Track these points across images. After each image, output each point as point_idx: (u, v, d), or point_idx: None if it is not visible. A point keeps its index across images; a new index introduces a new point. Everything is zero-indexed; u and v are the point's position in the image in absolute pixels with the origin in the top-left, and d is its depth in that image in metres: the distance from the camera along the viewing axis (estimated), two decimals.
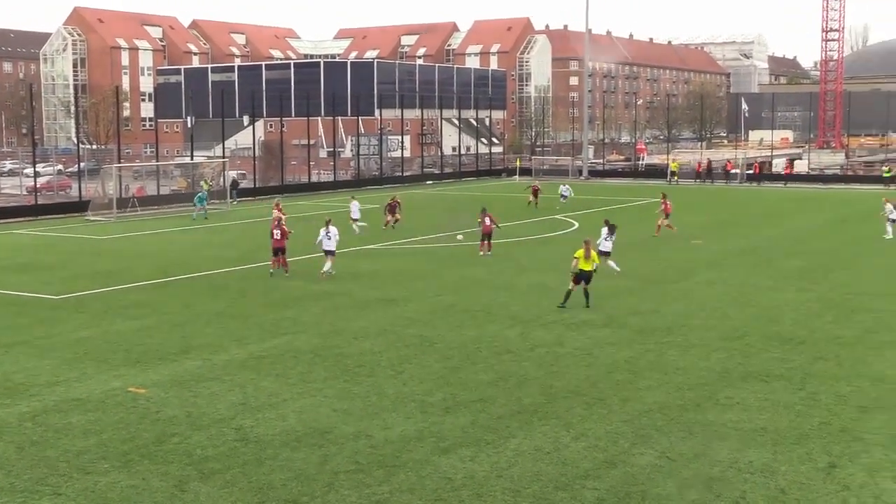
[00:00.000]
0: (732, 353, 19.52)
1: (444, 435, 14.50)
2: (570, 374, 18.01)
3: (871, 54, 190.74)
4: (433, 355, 19.51)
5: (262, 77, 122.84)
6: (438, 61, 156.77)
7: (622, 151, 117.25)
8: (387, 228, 42.15)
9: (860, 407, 15.84)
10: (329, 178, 74.61)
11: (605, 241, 29.54)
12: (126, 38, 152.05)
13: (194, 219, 48.57)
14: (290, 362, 19.00)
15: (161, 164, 67.44)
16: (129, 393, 16.89)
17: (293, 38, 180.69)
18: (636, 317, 23.30)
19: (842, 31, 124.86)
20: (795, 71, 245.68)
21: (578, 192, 61.31)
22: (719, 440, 14.22)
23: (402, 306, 24.85)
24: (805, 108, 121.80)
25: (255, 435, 14.57)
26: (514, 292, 26.79)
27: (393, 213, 42.85)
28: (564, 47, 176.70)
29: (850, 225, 44.84)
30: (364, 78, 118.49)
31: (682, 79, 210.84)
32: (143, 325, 22.72)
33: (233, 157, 78.60)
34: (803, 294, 26.33)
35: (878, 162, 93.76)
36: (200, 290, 27.82)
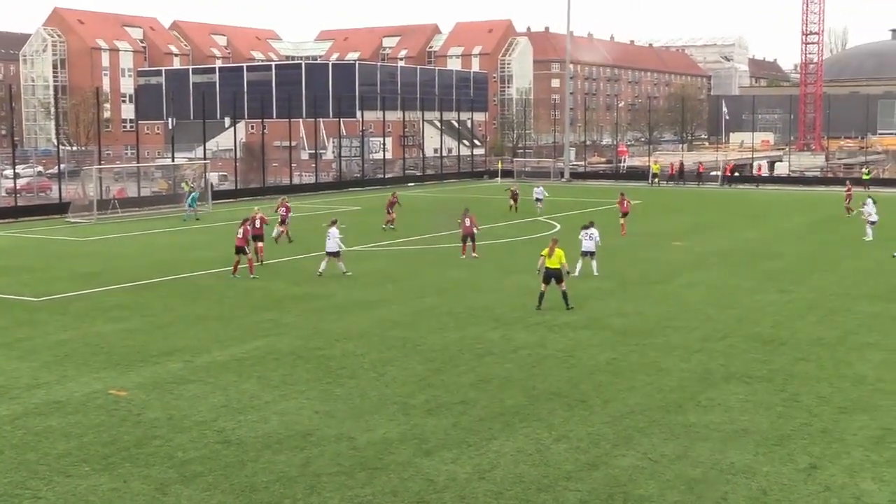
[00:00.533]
0: (714, 355, 19.59)
1: (426, 437, 14.49)
2: (552, 375, 18.03)
3: (850, 57, 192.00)
4: (415, 357, 19.50)
5: (243, 78, 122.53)
6: (420, 63, 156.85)
7: (604, 154, 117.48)
8: (386, 228, 42.15)
9: (841, 408, 15.92)
10: (311, 180, 74.46)
11: (586, 241, 29.50)
12: (106, 40, 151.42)
13: (185, 220, 48.40)
14: (272, 364, 18.95)
15: (142, 166, 67.18)
16: (110, 395, 16.80)
17: (274, 40, 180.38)
18: (618, 318, 23.36)
19: (821, 34, 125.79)
20: (776, 73, 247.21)
21: (560, 194, 61.46)
22: (701, 441, 14.26)
23: (385, 308, 24.83)
24: (785, 111, 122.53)
25: (237, 437, 14.52)
26: (497, 294, 26.80)
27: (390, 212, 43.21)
28: (546, 49, 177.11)
29: (830, 227, 45.07)
30: (345, 80, 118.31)
31: (663, 81, 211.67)
32: (124, 328, 22.61)
33: (214, 159, 78.35)
34: (784, 295, 26.45)
35: (858, 164, 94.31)
36: (182, 292, 27.70)
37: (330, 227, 29.95)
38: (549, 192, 54.07)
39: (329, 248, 29.60)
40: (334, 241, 29.60)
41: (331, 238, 29.58)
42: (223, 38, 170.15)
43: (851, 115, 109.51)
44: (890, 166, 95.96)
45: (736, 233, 42.32)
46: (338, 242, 29.75)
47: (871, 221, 39.03)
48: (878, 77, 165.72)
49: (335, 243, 29.63)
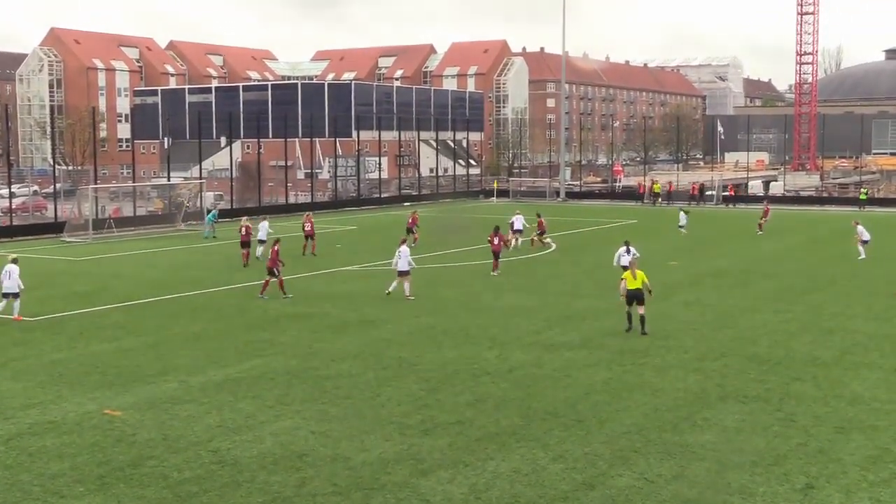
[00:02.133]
0: (710, 375, 19.58)
1: (422, 457, 14.45)
2: (548, 395, 17.99)
3: (844, 77, 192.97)
4: (411, 377, 19.46)
5: (239, 98, 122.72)
6: (416, 83, 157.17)
7: (599, 173, 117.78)
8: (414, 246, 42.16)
9: (837, 428, 15.90)
10: (306, 199, 74.52)
11: (623, 256, 30.80)
12: (103, 59, 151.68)
13: (206, 237, 49.54)
14: (268, 384, 18.91)
15: (137, 186, 67.19)
16: (105, 415, 16.75)
17: (270, 60, 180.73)
18: (614, 338, 23.34)
19: (815, 54, 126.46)
20: (770, 93, 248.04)
21: (555, 213, 61.42)
22: (697, 461, 14.23)
23: (380, 328, 24.80)
24: (780, 131, 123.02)
25: (232, 457, 14.47)
26: (493, 314, 26.79)
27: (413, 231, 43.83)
28: (541, 69, 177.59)
29: (825, 246, 45.14)
30: (341, 99, 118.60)
31: (658, 101, 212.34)
32: (119, 347, 22.56)
33: (210, 179, 78.32)
34: (780, 315, 26.45)
35: (853, 184, 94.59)
36: (177, 311, 27.65)
37: (400, 245, 29.51)
38: (545, 212, 53.86)
39: (401, 268, 29.02)
40: (405, 260, 29.00)
41: (402, 257, 28.99)
42: (219, 58, 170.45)
43: (846, 135, 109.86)
44: (885, 186, 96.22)
45: (731, 252, 42.36)
46: (409, 261, 29.15)
47: (864, 241, 39.48)
48: (871, 97, 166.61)
49: (406, 262, 29.04)
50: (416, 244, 42.60)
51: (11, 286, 26.04)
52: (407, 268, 29.06)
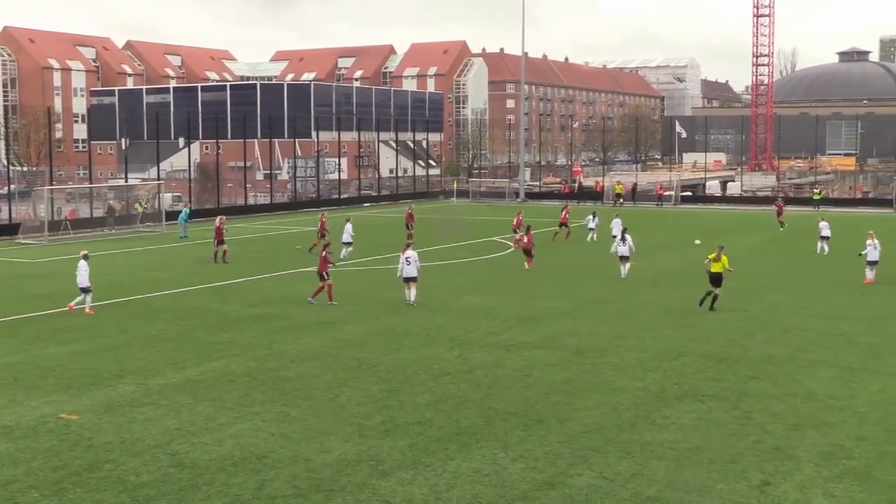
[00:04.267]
0: (668, 374, 19.74)
1: (382, 458, 14.45)
2: (509, 395, 18.05)
3: (799, 79, 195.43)
4: (371, 378, 19.44)
5: (197, 99, 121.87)
6: (375, 84, 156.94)
7: (558, 174, 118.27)
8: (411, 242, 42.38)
9: (792, 425, 16.10)
10: (266, 200, 74.20)
11: (621, 247, 34.19)
12: (58, 59, 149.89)
13: (182, 237, 49.90)
14: (227, 386, 18.80)
15: (94, 187, 66.46)
16: (61, 419, 16.56)
17: (229, 60, 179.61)
18: (573, 338, 23.46)
19: (771, 56, 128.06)
20: (727, 95, 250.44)
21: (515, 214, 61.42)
22: (656, 460, 14.35)
23: (340, 329, 24.75)
24: (737, 132, 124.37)
25: (191, 460, 14.38)
26: (452, 314, 26.82)
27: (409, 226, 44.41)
28: (501, 70, 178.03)
29: (781, 246, 45.65)
30: (301, 100, 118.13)
31: (617, 102, 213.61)
32: (75, 350, 22.32)
33: (168, 180, 77.75)
34: (737, 314, 26.72)
35: (808, 184, 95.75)
36: (135, 313, 27.42)
37: (406, 249, 28.69)
38: (502, 211, 54.08)
39: (408, 274, 28.22)
40: (414, 266, 28.24)
41: (411, 263, 28.21)
42: (177, 58, 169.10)
43: (801, 136, 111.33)
44: (838, 186, 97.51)
45: (688, 252, 42.67)
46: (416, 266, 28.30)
47: (823, 236, 40.99)
48: (826, 98, 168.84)
49: (415, 268, 28.26)
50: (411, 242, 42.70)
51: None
52: (416, 273, 28.28)
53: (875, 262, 32.91)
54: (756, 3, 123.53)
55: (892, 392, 18.29)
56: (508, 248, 43.37)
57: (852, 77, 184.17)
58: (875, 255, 32.90)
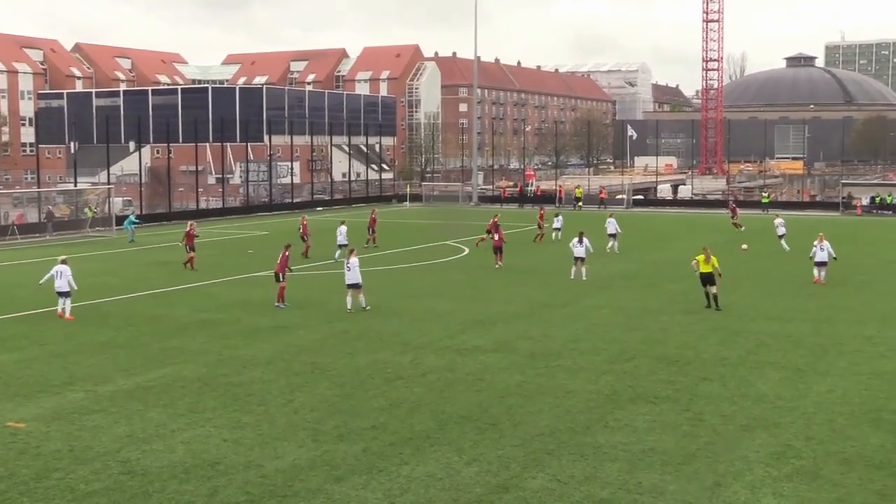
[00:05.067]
0: (621, 376, 19.86)
1: (336, 463, 14.38)
2: (462, 399, 18.06)
3: (748, 84, 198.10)
4: (325, 383, 19.36)
5: (148, 102, 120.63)
6: (328, 87, 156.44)
7: (511, 177, 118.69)
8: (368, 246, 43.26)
9: (743, 426, 16.27)
10: (217, 204, 73.67)
11: (577, 248, 34.65)
12: (4, 61, 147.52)
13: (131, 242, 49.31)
14: (178, 392, 18.61)
15: (43, 191, 65.55)
16: (8, 427, 16.29)
17: (180, 63, 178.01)
18: (527, 341, 23.53)
19: (721, 60, 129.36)
20: (678, 99, 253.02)
21: (468, 218, 61.53)
22: (609, 462, 14.43)
23: (293, 333, 24.61)
24: (688, 135, 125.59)
25: (142, 467, 14.21)
26: (405, 318, 26.78)
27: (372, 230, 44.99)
28: (454, 74, 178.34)
29: (732, 249, 46.07)
30: (253, 104, 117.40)
31: (569, 106, 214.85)
32: (22, 357, 21.97)
33: (118, 184, 76.93)
34: (689, 317, 26.97)
35: (757, 187, 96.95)
36: (84, 319, 27.04)
37: (350, 256, 28.06)
38: (455, 216, 54.14)
39: (352, 280, 27.59)
40: (356, 272, 27.65)
41: (352, 269, 27.66)
42: (127, 61, 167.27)
43: (750, 140, 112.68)
44: (787, 189, 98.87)
45: (641, 255, 43.04)
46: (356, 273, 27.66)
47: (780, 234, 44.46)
48: (774, 103, 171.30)
49: (357, 274, 27.64)
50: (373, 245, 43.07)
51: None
52: (359, 280, 27.70)
53: (824, 262, 33.52)
54: (706, 9, 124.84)
55: (838, 393, 18.56)
56: (463, 252, 43.43)
57: (799, 82, 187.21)
58: (823, 256, 33.54)
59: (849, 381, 19.44)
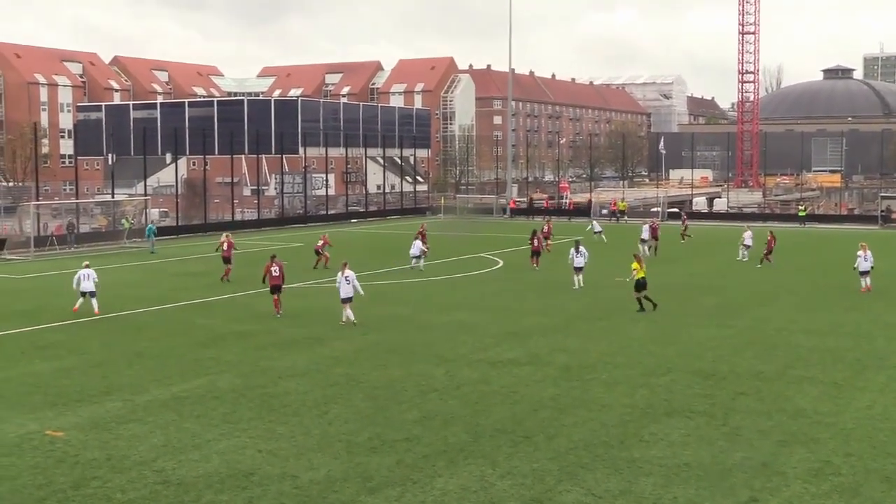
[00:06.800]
0: (656, 390, 19.74)
1: (370, 475, 14.39)
2: (496, 412, 18.02)
3: (784, 96, 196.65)
4: (359, 394, 19.39)
5: (184, 114, 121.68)
6: (363, 100, 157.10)
7: (545, 190, 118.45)
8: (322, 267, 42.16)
9: (780, 441, 16.11)
10: (253, 216, 74.09)
11: (578, 258, 35.15)
12: (45, 74, 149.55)
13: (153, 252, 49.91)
14: (214, 403, 18.72)
15: (81, 202, 66.29)
16: (47, 436, 16.45)
17: (216, 76, 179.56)
18: (561, 354, 23.45)
19: (757, 73, 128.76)
20: (713, 111, 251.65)
21: (502, 230, 61.52)
22: (644, 476, 14.33)
23: (328, 345, 24.68)
24: (723, 148, 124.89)
25: (178, 477, 14.29)
26: (440, 331, 26.78)
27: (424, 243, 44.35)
28: (488, 87, 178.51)
29: (772, 260, 45.70)
30: (288, 116, 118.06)
31: (603, 118, 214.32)
32: (61, 366, 22.20)
33: (155, 195, 77.59)
34: (724, 330, 26.76)
35: (794, 200, 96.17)
36: (121, 329, 27.30)
37: (344, 270, 27.81)
38: (490, 229, 54.17)
39: (345, 294, 27.38)
40: (353, 285, 27.44)
41: (349, 282, 27.47)
42: (164, 74, 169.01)
43: (787, 153, 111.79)
44: (824, 203, 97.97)
45: (676, 268, 42.78)
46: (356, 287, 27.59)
47: (747, 245, 45.94)
48: (811, 115, 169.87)
49: (353, 287, 27.51)
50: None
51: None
52: (352, 294, 27.60)
53: (867, 271, 33.92)
54: (742, 21, 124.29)
55: (878, 408, 18.33)
56: (498, 264, 43.47)
57: (836, 94, 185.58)
58: (866, 265, 33.90)
59: (889, 397, 19.19)
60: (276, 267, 29.56)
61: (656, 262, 44.39)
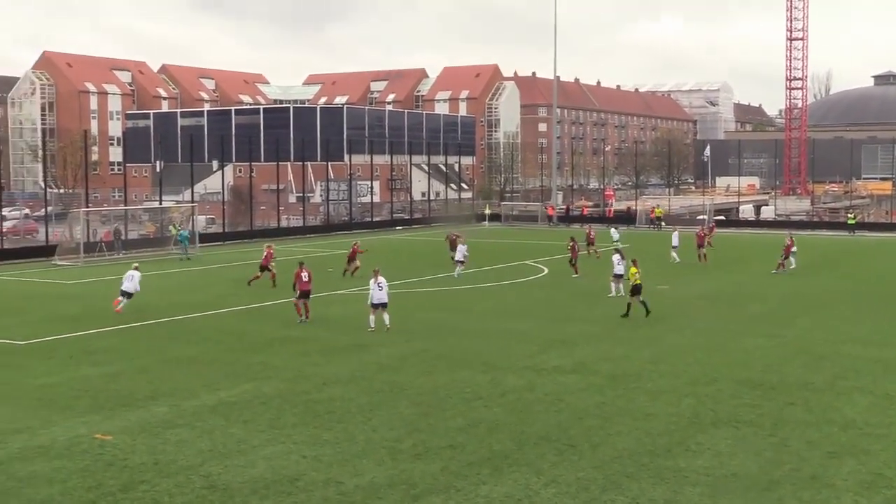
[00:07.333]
0: (702, 399, 19.55)
1: (414, 482, 14.39)
2: (541, 420, 17.95)
3: (834, 102, 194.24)
4: (403, 401, 19.41)
5: (231, 122, 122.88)
6: (408, 107, 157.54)
7: (591, 197, 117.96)
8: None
9: (830, 453, 15.88)
10: (298, 223, 74.52)
11: (617, 265, 34.63)
12: (95, 83, 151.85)
13: (188, 258, 50.45)
14: (259, 408, 18.83)
15: (129, 209, 67.08)
16: (95, 440, 16.65)
17: (262, 84, 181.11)
18: (606, 362, 23.32)
19: (805, 79, 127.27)
20: (761, 118, 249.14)
21: (547, 237, 61.39)
22: (690, 486, 14.19)
23: (373, 352, 24.74)
24: (771, 155, 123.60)
25: (223, 482, 14.39)
26: (485, 338, 26.75)
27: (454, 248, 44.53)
28: (533, 94, 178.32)
29: (816, 270, 45.20)
30: (333, 123, 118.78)
31: (649, 125, 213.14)
32: (110, 371, 22.46)
33: (202, 202, 78.33)
34: (772, 340, 26.46)
35: (843, 208, 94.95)
36: (168, 334, 27.57)
37: (376, 276, 27.96)
38: (534, 235, 54.05)
39: (378, 300, 27.57)
40: (385, 292, 27.76)
41: (382, 288, 27.72)
42: (211, 82, 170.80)
43: (836, 160, 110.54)
44: (874, 211, 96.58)
45: (723, 276, 42.42)
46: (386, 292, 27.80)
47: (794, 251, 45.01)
48: (861, 122, 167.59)
49: (386, 293, 27.78)
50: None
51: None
52: (386, 300, 27.75)
53: None
54: (790, 27, 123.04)
55: None
56: (543, 272, 43.38)
57: (888, 101, 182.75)
58: None
59: None
60: (305, 273, 29.61)
61: (702, 270, 44.08)
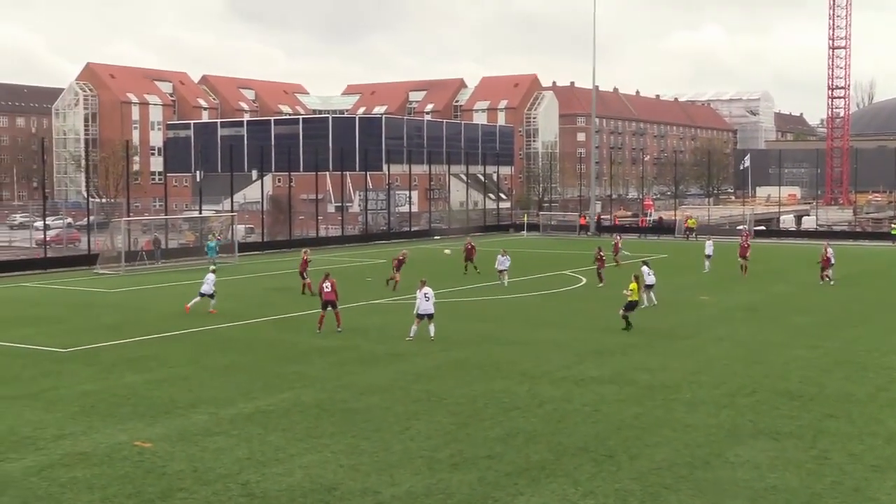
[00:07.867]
0: (742, 411, 19.38)
1: (451, 492, 14.38)
2: (579, 430, 17.88)
3: (876, 111, 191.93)
4: (441, 411, 19.40)
5: (270, 132, 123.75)
6: (446, 117, 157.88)
7: (629, 207, 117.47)
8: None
9: (873, 466, 15.67)
10: (337, 232, 74.83)
11: (647, 276, 34.37)
12: (137, 94, 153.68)
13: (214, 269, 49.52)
14: (297, 417, 18.91)
15: (170, 218, 67.73)
16: (136, 447, 16.80)
17: (302, 94, 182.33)
18: (644, 373, 23.18)
19: (848, 88, 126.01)
20: (802, 128, 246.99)
21: (587, 247, 61.13)
22: (730, 499, 14.06)
23: (410, 361, 24.77)
24: (812, 165, 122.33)
25: (261, 490, 14.46)
26: (522, 348, 26.70)
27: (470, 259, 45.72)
28: (571, 103, 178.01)
29: (858, 281, 44.69)
30: (372, 133, 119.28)
31: (688, 135, 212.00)
32: (150, 379, 22.66)
33: (241, 212, 78.92)
34: (812, 351, 26.18)
35: (887, 218, 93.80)
36: (208, 343, 27.78)
37: (422, 287, 28.07)
38: (573, 246, 53.89)
39: (424, 310, 27.68)
40: (432, 303, 27.82)
41: (429, 299, 27.79)
42: (251, 92, 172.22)
43: (879, 169, 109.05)
44: None
45: (763, 287, 42.04)
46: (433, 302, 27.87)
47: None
48: None
49: (433, 304, 27.84)
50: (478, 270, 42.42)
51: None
52: (432, 311, 27.81)
53: None
54: (832, 35, 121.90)
55: None
56: (581, 282, 43.26)
57: None
58: None
59: None
60: (328, 283, 29.53)
61: (743, 281, 43.72)
